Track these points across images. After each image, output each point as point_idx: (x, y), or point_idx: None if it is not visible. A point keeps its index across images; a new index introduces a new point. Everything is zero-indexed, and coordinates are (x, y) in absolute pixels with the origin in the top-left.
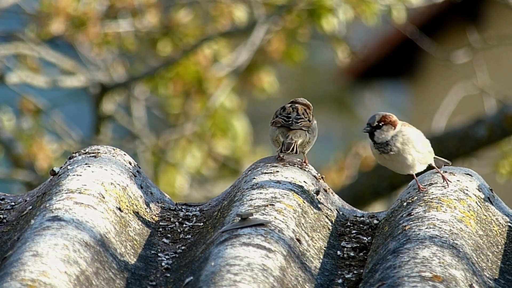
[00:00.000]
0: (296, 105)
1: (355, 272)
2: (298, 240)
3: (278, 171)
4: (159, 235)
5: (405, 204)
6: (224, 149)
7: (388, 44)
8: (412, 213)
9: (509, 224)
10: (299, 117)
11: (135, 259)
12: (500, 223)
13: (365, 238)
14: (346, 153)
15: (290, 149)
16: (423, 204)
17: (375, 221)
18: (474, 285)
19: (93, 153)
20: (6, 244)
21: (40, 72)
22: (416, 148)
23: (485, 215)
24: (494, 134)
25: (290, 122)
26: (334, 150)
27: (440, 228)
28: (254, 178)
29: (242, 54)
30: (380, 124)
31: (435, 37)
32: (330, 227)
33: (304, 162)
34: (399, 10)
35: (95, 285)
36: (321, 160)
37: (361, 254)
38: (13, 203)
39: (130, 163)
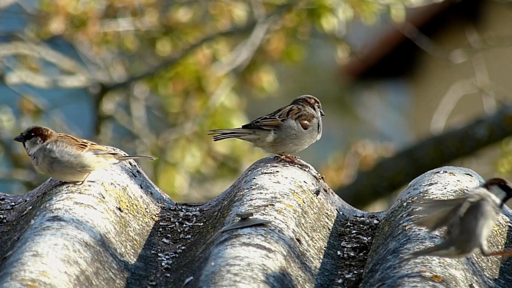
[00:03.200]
0: (288, 105)
1: (355, 272)
2: (298, 240)
3: (278, 171)
4: (159, 235)
5: (405, 204)
6: (224, 148)
7: (388, 44)
8: (412, 213)
9: (509, 224)
10: (266, 116)
11: (135, 259)
12: (500, 223)
13: (365, 238)
14: (345, 152)
15: (214, 133)
16: None
17: (375, 221)
18: (474, 285)
19: None
20: (6, 244)
21: (40, 72)
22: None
23: None
24: (494, 134)
25: (252, 122)
26: (334, 150)
27: None
28: (254, 178)
29: (242, 53)
30: (31, 134)
31: (435, 37)
32: (330, 227)
33: (283, 155)
34: (398, 9)
35: (95, 285)
36: (321, 160)
37: (361, 254)
38: (13, 203)
39: (130, 163)
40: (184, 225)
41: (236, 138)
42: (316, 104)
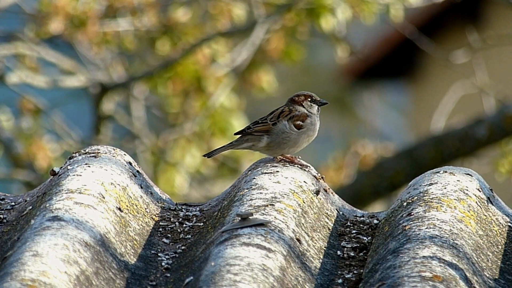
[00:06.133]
0: (280, 107)
1: (355, 272)
2: (298, 240)
3: (278, 171)
4: (159, 235)
5: (405, 204)
6: None
7: (388, 44)
8: (412, 213)
9: (509, 224)
10: (259, 121)
11: (135, 259)
12: (500, 223)
13: (365, 238)
14: (345, 152)
15: (208, 153)
16: (423, 204)
17: (375, 221)
18: (474, 285)
19: (93, 153)
20: (6, 244)
21: (40, 72)
22: None
23: (485, 215)
24: (494, 134)
25: (243, 129)
26: (334, 150)
27: (440, 228)
28: (254, 178)
29: (241, 53)
30: None
31: (435, 37)
32: (330, 227)
33: (279, 158)
34: (397, 9)
35: (95, 285)
36: (321, 160)
37: (361, 254)
38: (13, 203)
39: (130, 163)
40: (184, 225)
41: (231, 149)
42: (308, 99)
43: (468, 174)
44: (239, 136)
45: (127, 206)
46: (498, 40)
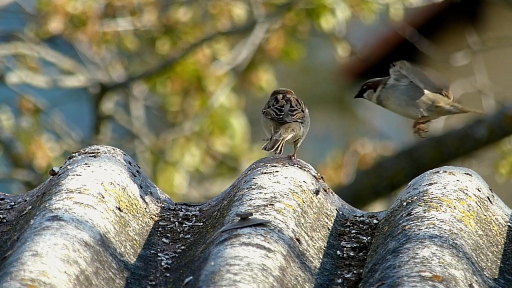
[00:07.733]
0: (288, 96)
1: (354, 272)
2: (298, 240)
3: (277, 171)
4: (158, 235)
5: (404, 204)
6: (222, 147)
7: (388, 44)
8: (411, 213)
9: (509, 224)
10: (293, 108)
11: (134, 259)
12: (499, 223)
13: (364, 238)
14: (344, 151)
15: (274, 148)
16: (423, 204)
17: (375, 221)
18: (473, 284)
19: (92, 153)
20: (6, 244)
21: (39, 72)
22: None
23: (485, 215)
24: (494, 134)
25: (282, 115)
26: (333, 149)
27: (440, 228)
28: (253, 178)
29: (241, 53)
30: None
31: (434, 38)
32: (330, 227)
33: (293, 155)
34: (396, 9)
35: (94, 285)
36: (320, 159)
37: (361, 254)
38: (12, 203)
39: (130, 163)
40: (184, 225)
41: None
42: None
43: (467, 174)
44: (277, 122)
45: (126, 206)
46: (497, 41)
